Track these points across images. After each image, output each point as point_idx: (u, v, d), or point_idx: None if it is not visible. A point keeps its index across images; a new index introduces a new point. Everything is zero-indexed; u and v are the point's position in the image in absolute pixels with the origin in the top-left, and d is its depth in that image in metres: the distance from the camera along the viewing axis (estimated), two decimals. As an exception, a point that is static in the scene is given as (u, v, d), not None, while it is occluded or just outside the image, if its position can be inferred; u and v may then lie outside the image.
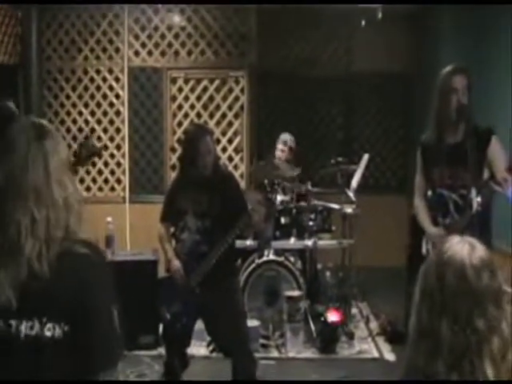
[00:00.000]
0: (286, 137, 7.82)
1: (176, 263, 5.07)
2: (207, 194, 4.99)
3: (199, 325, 5.44)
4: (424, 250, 4.76)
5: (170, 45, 8.98)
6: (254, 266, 6.76)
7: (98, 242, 2.39)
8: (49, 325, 2.12)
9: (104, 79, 9.02)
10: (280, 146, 7.78)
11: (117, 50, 9.00)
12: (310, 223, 7.17)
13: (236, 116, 8.98)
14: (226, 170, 5.68)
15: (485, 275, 1.87)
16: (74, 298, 2.13)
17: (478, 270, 1.87)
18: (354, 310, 7.61)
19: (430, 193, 4.73)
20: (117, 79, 9.01)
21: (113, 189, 9.06)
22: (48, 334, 2.12)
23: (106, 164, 9.03)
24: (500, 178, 4.15)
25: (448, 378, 1.84)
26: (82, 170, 8.89)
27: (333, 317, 6.68)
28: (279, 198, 7.15)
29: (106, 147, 8.84)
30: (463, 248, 1.91)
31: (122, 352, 2.27)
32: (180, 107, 9.01)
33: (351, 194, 7.15)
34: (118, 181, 9.02)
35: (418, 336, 1.92)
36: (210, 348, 6.40)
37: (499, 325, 1.86)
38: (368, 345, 6.75)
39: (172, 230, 5.30)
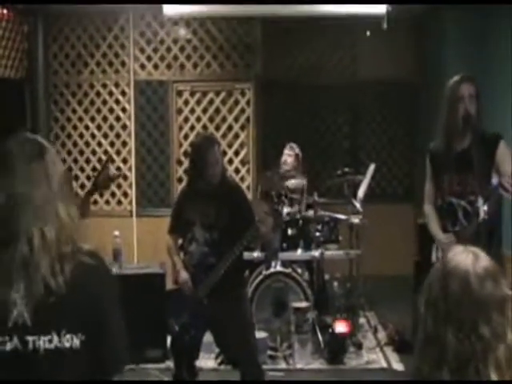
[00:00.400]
0: (292, 144, 7.85)
1: (184, 275, 5.08)
2: (215, 206, 4.99)
3: (207, 337, 5.44)
4: (434, 258, 4.78)
5: (175, 58, 9.01)
6: (261, 277, 6.76)
7: (104, 255, 2.41)
8: (67, 336, 2.15)
9: (110, 93, 9.06)
10: (287, 151, 7.79)
11: (123, 64, 9.04)
12: (317, 234, 7.16)
13: (242, 128, 9.00)
14: (233, 182, 5.68)
15: (488, 284, 1.89)
16: (88, 307, 2.17)
17: (482, 279, 1.89)
18: (362, 320, 7.59)
19: (439, 201, 4.76)
20: (123, 93, 9.05)
21: (120, 202, 9.08)
22: (67, 344, 2.15)
23: (113, 178, 9.02)
24: (506, 182, 4.16)
25: None
26: (88, 182, 8.91)
27: (340, 327, 6.67)
28: (286, 209, 7.17)
29: (112, 160, 8.84)
30: (467, 258, 1.93)
31: (128, 360, 2.32)
32: (186, 120, 9.04)
33: (358, 205, 7.15)
34: (125, 194, 9.04)
35: (424, 344, 1.93)
36: (219, 360, 6.41)
37: (504, 332, 1.87)
38: (376, 355, 6.74)
39: (180, 241, 5.32)
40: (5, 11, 8.15)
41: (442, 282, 1.92)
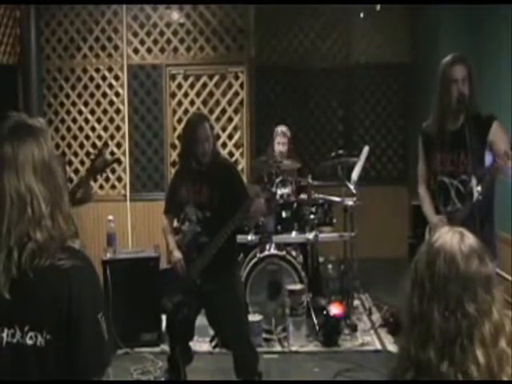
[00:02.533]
0: (283, 128, 7.75)
1: (176, 254, 5.11)
2: (207, 185, 5.02)
3: (202, 321, 5.47)
4: (427, 240, 4.78)
5: (168, 41, 8.97)
6: (255, 260, 6.77)
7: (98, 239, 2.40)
8: (31, 333, 2.14)
9: (103, 77, 9.03)
10: (279, 139, 7.69)
11: (116, 48, 9.01)
12: (311, 216, 7.18)
13: (236, 111, 8.98)
14: (226, 161, 5.67)
15: (474, 262, 1.91)
16: (57, 308, 2.14)
17: (468, 256, 1.91)
18: (356, 303, 7.60)
19: (432, 181, 4.78)
20: (116, 77, 9.01)
21: (114, 187, 9.06)
22: (30, 342, 2.14)
23: (106, 162, 9.01)
24: (502, 161, 4.17)
25: (439, 365, 1.86)
26: (83, 167, 8.91)
27: (335, 310, 6.70)
28: (279, 191, 7.18)
29: (107, 144, 8.82)
30: (453, 237, 1.95)
31: (110, 358, 2.30)
32: (180, 104, 9.02)
33: (352, 187, 7.16)
34: (119, 179, 9.03)
35: (410, 324, 1.95)
36: (213, 344, 6.44)
37: (490, 309, 1.88)
38: (370, 337, 6.76)
39: (176, 223, 5.34)
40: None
41: (428, 261, 1.94)
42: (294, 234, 7.14)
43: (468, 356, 1.85)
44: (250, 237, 7.02)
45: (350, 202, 7.19)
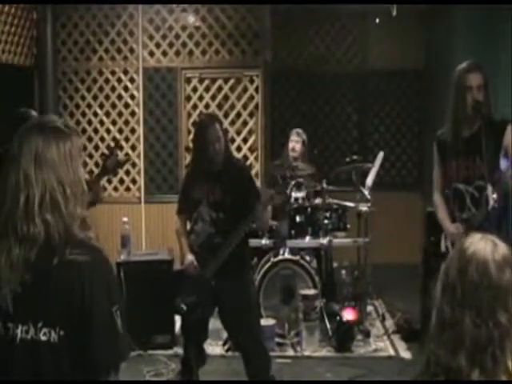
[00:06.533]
0: (298, 132, 7.77)
1: (189, 257, 5.09)
2: (220, 185, 5.01)
3: (215, 324, 5.46)
4: (443, 248, 4.78)
5: (184, 45, 9.00)
6: (269, 264, 6.76)
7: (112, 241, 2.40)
8: (44, 329, 2.14)
9: (119, 80, 9.06)
10: (294, 138, 7.70)
11: (131, 51, 9.04)
12: (326, 222, 7.16)
13: (251, 115, 8.99)
14: (238, 162, 5.66)
15: (507, 272, 1.89)
16: (70, 304, 2.15)
17: (501, 266, 1.89)
18: (370, 308, 7.59)
19: (447, 187, 4.76)
20: (132, 80, 9.04)
21: (128, 189, 9.09)
22: (43, 338, 2.14)
23: (121, 164, 9.04)
24: None
25: (470, 372, 1.85)
26: (97, 169, 8.92)
27: (348, 315, 6.68)
28: (294, 194, 7.17)
29: (121, 147, 8.84)
30: (486, 245, 1.93)
31: (126, 353, 2.29)
32: (195, 107, 9.04)
33: (366, 192, 7.14)
34: (134, 181, 9.05)
35: (440, 329, 1.93)
36: (226, 347, 6.43)
37: None
38: (384, 343, 6.74)
39: (189, 226, 5.32)
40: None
41: (460, 268, 1.92)
42: (307, 238, 7.12)
43: (499, 366, 1.84)
44: (263, 241, 7.00)
45: (364, 208, 7.17)
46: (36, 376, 2.16)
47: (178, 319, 6.78)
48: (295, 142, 7.69)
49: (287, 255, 6.83)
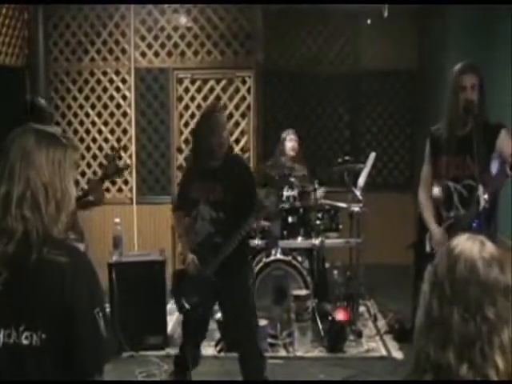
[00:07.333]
0: (293, 132, 7.80)
1: (190, 256, 5.07)
2: (221, 183, 4.96)
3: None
4: (428, 248, 4.80)
5: (176, 45, 9.00)
6: (261, 265, 6.77)
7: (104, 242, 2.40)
8: (26, 333, 2.13)
9: (111, 81, 9.05)
10: (293, 137, 7.73)
11: (123, 51, 9.03)
12: (318, 222, 7.16)
13: (243, 116, 8.99)
14: (239, 158, 5.66)
15: (494, 269, 1.90)
16: (51, 307, 2.14)
17: (488, 263, 1.90)
18: (362, 309, 7.59)
19: (435, 186, 4.78)
20: (123, 80, 9.04)
21: (120, 190, 9.08)
22: (25, 342, 2.13)
23: (113, 165, 9.03)
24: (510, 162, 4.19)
25: (459, 368, 1.86)
26: (89, 170, 8.94)
27: (340, 315, 6.69)
28: (286, 193, 7.19)
29: (118, 152, 8.81)
30: (473, 244, 1.95)
31: (110, 355, 2.29)
32: (187, 108, 9.04)
33: (358, 193, 7.15)
34: (126, 182, 9.04)
35: (428, 326, 1.94)
36: (218, 348, 6.43)
37: (509, 316, 1.88)
38: (376, 343, 6.74)
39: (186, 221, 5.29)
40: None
41: (448, 266, 1.94)
42: (299, 239, 7.13)
43: (488, 361, 1.85)
44: (256, 241, 7.01)
45: (356, 208, 7.18)
46: (20, 379, 2.16)
47: (170, 320, 6.81)
48: (294, 141, 7.71)
49: (279, 256, 6.83)
